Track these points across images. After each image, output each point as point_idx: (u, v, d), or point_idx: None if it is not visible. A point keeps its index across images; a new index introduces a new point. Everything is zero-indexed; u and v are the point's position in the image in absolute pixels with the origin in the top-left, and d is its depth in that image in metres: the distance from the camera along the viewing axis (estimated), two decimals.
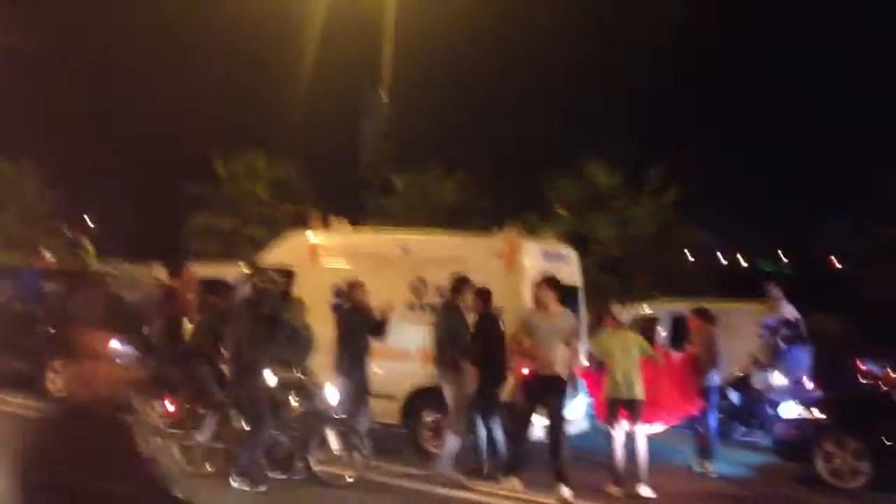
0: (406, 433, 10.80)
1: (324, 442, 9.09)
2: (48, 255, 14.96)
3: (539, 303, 9.38)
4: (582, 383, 10.45)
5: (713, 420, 10.78)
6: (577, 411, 10.96)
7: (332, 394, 9.21)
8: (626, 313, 10.15)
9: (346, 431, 9.16)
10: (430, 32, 28.93)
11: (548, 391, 9.22)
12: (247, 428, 8.82)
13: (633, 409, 9.48)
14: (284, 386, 9.06)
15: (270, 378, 8.86)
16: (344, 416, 9.29)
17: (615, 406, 9.52)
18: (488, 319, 9.81)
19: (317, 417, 9.06)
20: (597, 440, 10.49)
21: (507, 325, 9.86)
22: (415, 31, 23.67)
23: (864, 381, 14.52)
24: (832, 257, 43.67)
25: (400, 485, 9.15)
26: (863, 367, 15.04)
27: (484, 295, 9.84)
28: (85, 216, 31.47)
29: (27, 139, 28.37)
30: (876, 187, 22.44)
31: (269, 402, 8.82)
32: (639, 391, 9.51)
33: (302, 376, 9.29)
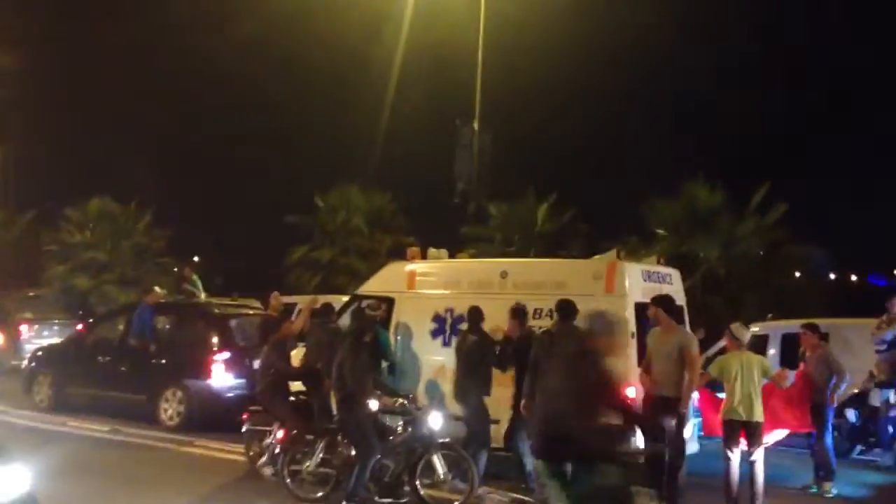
0: (511, 457, 10.70)
1: (430, 467, 9.09)
2: (159, 291, 15.53)
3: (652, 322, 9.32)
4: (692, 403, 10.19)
5: (829, 439, 10.39)
6: (687, 432, 10.69)
7: (436, 419, 9.23)
8: (747, 333, 9.84)
9: (454, 456, 9.14)
10: (523, 59, 29.14)
11: (661, 411, 9.03)
12: (353, 454, 8.94)
13: (751, 432, 9.18)
14: (388, 411, 9.11)
15: (374, 404, 8.97)
16: (450, 440, 9.27)
17: (733, 428, 9.23)
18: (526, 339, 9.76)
19: (422, 442, 9.08)
20: (705, 462, 10.18)
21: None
22: (507, 58, 23.87)
23: None
24: None
25: None
26: None
27: (519, 314, 9.86)
28: (195, 258, 32.65)
29: (136, 180, 29.77)
30: None
31: (373, 428, 8.91)
32: (758, 413, 9.21)
33: (405, 402, 9.34)
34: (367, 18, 27.19)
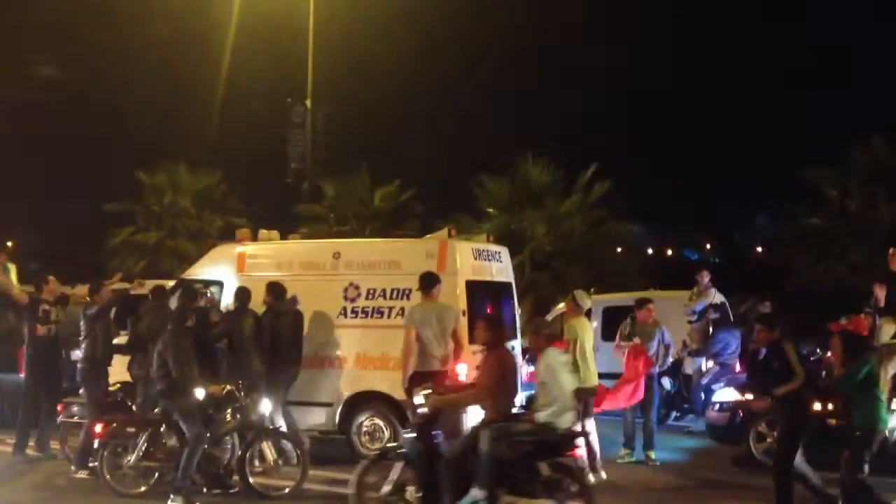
0: (344, 440, 10.69)
1: (259, 454, 8.95)
2: None
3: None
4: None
5: (656, 410, 11.01)
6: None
7: (264, 406, 9.06)
8: (588, 301, 10.23)
9: (281, 442, 9.03)
10: (355, 39, 28.92)
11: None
12: (179, 445, 8.65)
13: (587, 399, 9.50)
14: (215, 399, 8.87)
15: (200, 392, 8.69)
16: (279, 426, 9.11)
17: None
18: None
19: (250, 430, 8.89)
20: None
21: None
22: (339, 38, 23.63)
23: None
24: (758, 247, 44.97)
25: (336, 492, 8.97)
26: None
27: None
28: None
29: None
30: (797, 180, 23.27)
31: (200, 417, 8.65)
32: (594, 379, 9.68)
33: (233, 388, 9.08)
34: None
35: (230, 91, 26.22)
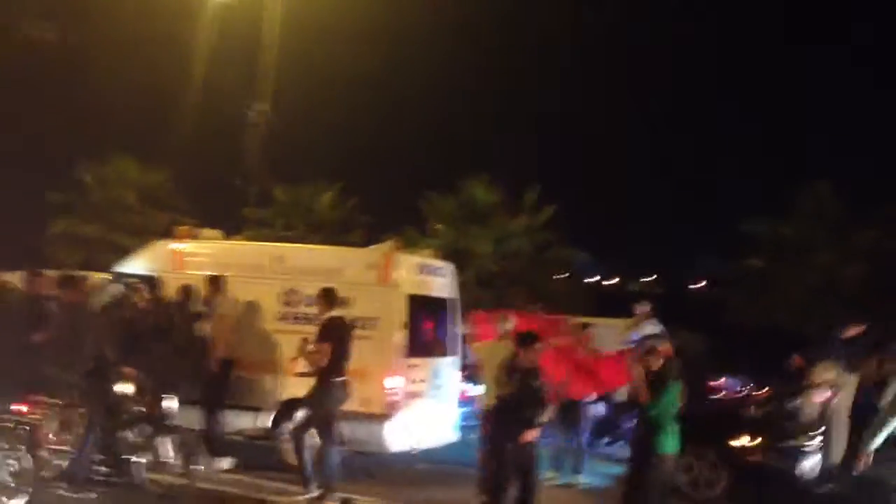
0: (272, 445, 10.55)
1: (158, 449, 8.82)
2: None
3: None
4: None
5: (586, 433, 11.10)
6: (448, 421, 11.03)
7: (170, 403, 8.93)
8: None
9: (182, 440, 8.92)
10: (316, 49, 28.79)
11: None
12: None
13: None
14: (126, 392, 8.75)
15: (128, 387, 8.61)
16: (180, 424, 9.05)
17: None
18: None
19: (153, 425, 8.79)
20: (464, 452, 10.50)
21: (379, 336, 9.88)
22: (297, 44, 23.49)
23: (721, 397, 15.08)
24: (700, 283, 45.77)
25: (229, 491, 9.08)
26: (722, 384, 15.64)
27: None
28: None
29: None
30: (739, 223, 23.91)
31: (106, 408, 8.61)
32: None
33: (142, 382, 8.93)
34: None
35: (187, 89, 25.88)
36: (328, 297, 9.47)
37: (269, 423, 10.38)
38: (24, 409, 8.82)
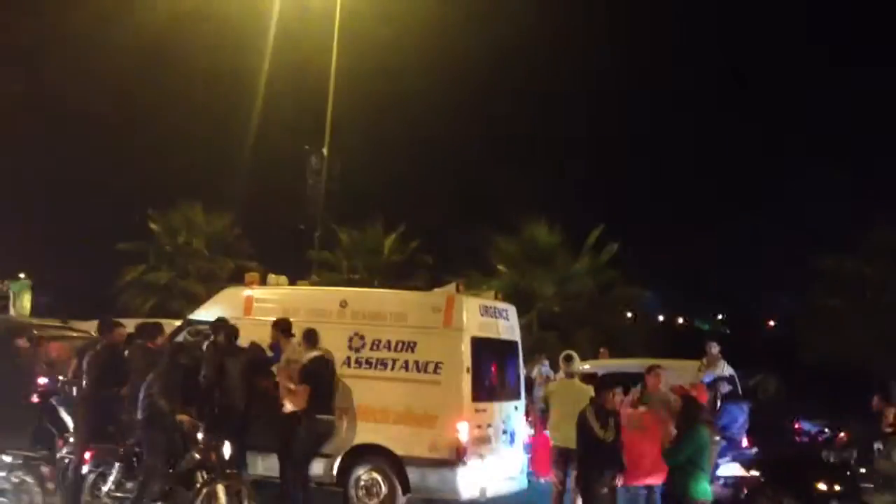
0: (341, 492, 10.50)
1: (214, 495, 8.75)
2: None
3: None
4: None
5: None
6: (515, 466, 10.88)
7: (227, 448, 8.99)
8: (576, 364, 10.14)
9: (237, 487, 8.85)
10: (375, 90, 29.25)
11: None
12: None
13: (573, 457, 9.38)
14: (185, 436, 8.84)
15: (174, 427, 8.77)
16: (236, 471, 9.09)
17: (560, 453, 9.49)
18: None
19: (209, 470, 8.77)
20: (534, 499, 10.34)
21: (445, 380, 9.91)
22: (360, 87, 23.89)
23: (799, 440, 14.62)
24: (770, 321, 44.60)
25: None
26: (798, 426, 15.18)
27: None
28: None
29: None
30: (814, 262, 23.36)
31: (166, 453, 8.73)
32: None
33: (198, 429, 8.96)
34: (223, 41, 26.59)
35: (250, 135, 26.48)
36: (309, 337, 9.83)
37: (336, 471, 10.35)
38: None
